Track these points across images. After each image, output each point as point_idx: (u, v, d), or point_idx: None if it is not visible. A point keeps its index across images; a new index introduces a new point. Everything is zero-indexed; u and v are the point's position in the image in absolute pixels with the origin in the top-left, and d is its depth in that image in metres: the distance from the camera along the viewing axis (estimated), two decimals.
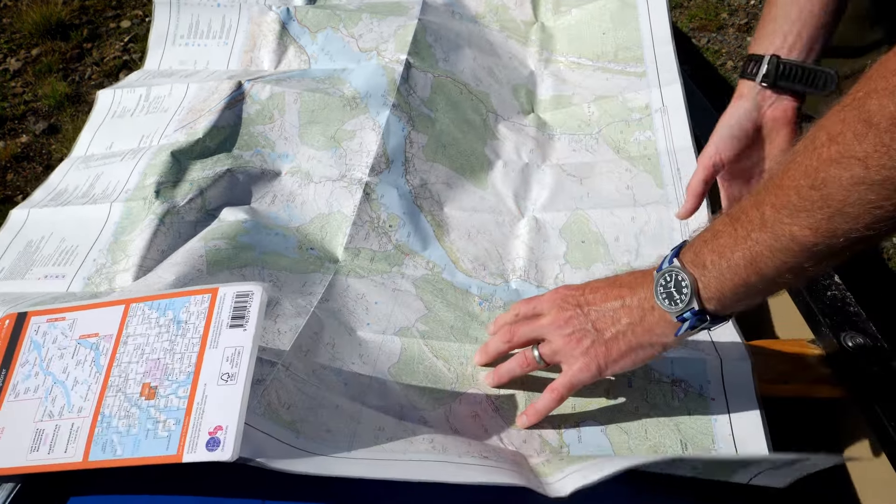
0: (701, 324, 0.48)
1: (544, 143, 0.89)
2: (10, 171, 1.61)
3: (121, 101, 0.89)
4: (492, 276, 0.73)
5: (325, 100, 0.83)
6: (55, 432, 0.43)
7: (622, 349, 0.52)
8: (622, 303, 0.52)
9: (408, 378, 0.60)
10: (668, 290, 0.48)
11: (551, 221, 0.78)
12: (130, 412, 0.44)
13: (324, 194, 0.76)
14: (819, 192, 0.39)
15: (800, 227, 0.40)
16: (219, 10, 0.97)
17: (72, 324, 0.49)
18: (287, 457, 0.44)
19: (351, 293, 0.67)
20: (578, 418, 0.57)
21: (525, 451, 0.55)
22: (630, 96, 0.89)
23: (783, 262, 0.42)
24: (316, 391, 0.54)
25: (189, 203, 0.71)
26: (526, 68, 1.00)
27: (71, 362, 0.47)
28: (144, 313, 0.48)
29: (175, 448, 0.41)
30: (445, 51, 0.94)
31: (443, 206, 0.79)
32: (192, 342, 0.45)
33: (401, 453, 0.48)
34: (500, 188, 0.82)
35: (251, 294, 0.47)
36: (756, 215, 0.43)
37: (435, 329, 0.65)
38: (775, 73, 0.63)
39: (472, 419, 0.57)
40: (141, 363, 0.46)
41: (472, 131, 0.87)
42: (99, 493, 0.47)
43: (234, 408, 0.42)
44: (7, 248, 0.71)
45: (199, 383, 0.43)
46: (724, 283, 0.46)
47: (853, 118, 0.37)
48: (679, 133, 0.83)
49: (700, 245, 0.48)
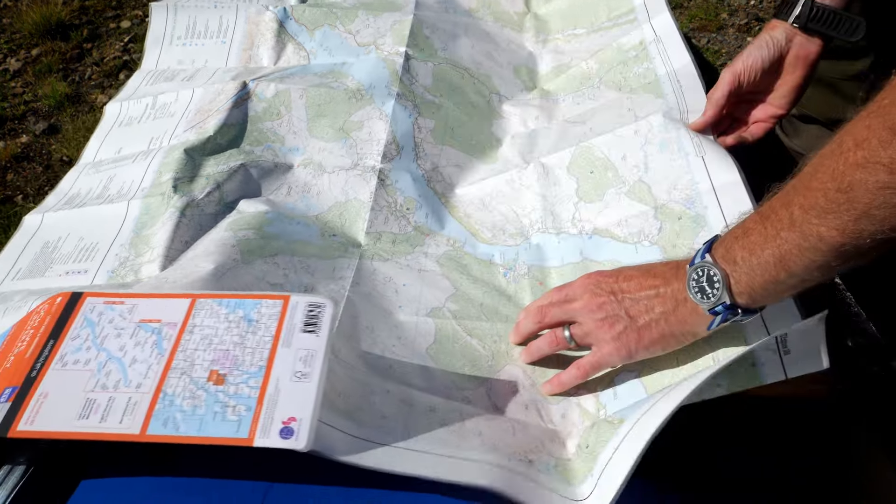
0: (733, 317, 0.50)
1: (549, 108, 0.90)
2: (10, 171, 1.60)
3: (128, 112, 0.89)
4: (512, 237, 0.74)
5: (330, 93, 0.84)
6: (109, 403, 0.45)
7: (654, 337, 0.54)
8: (656, 292, 0.54)
9: (445, 357, 0.61)
10: (701, 285, 0.50)
11: (557, 163, 0.78)
12: (196, 394, 0.45)
13: (338, 183, 0.78)
14: (846, 195, 0.40)
15: (827, 228, 0.42)
16: (216, 11, 0.98)
17: (131, 308, 0.50)
18: (352, 448, 0.46)
19: (379, 276, 0.68)
20: (613, 375, 0.59)
21: (565, 427, 0.57)
22: (624, 40, 0.90)
23: (812, 260, 0.44)
24: (365, 377, 0.55)
25: (207, 196, 0.72)
26: (524, 50, 1.02)
27: (129, 342, 0.48)
28: (213, 308, 0.50)
29: (246, 432, 0.43)
30: (443, 41, 0.95)
31: (455, 186, 0.80)
32: (264, 340, 0.48)
33: (454, 448, 0.50)
34: (508, 156, 0.83)
35: (323, 306, 0.50)
36: (785, 215, 0.45)
37: (465, 308, 0.66)
38: (808, 15, 0.67)
39: (512, 395, 0.59)
40: (208, 351, 0.48)
41: (478, 113, 0.88)
42: (110, 476, 0.48)
43: (308, 402, 0.44)
44: (23, 250, 0.72)
45: (272, 377, 0.46)
46: (755, 279, 0.47)
47: (878, 125, 0.39)
48: (676, 55, 0.84)
49: (731, 241, 0.49)
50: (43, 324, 0.50)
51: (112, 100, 0.93)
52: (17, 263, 0.70)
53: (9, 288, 0.67)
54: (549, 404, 0.59)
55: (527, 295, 0.68)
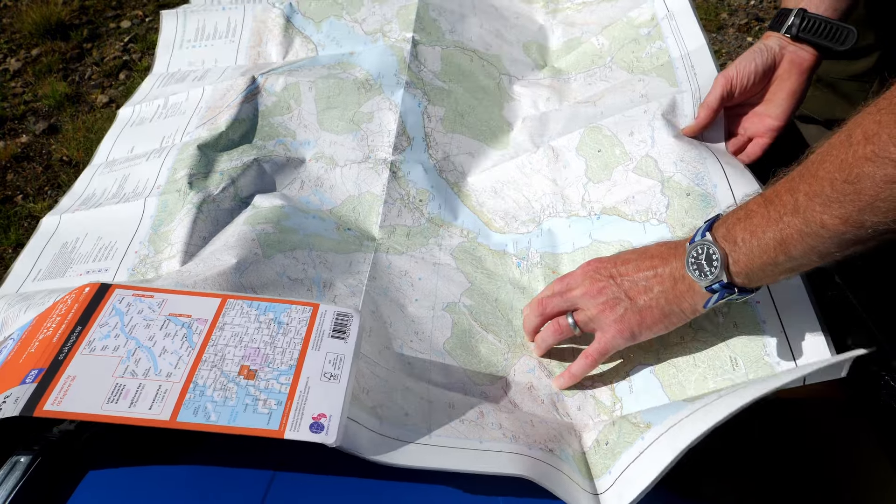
0: (729, 295, 0.51)
1: (560, 87, 0.89)
2: (10, 171, 1.60)
3: (139, 113, 0.90)
4: (524, 224, 0.74)
5: (339, 84, 0.85)
6: (139, 390, 0.45)
7: (655, 316, 0.55)
8: (654, 272, 0.55)
9: (463, 352, 0.62)
10: (699, 262, 0.52)
11: (566, 145, 0.77)
12: (227, 386, 0.46)
13: (351, 176, 0.78)
14: (852, 187, 0.42)
15: (830, 217, 0.43)
16: (224, 14, 0.99)
17: (161, 302, 0.51)
18: (379, 447, 0.47)
19: (394, 270, 0.69)
20: (629, 367, 0.59)
21: (581, 419, 0.58)
22: (634, 14, 0.89)
23: (811, 246, 0.45)
24: (386, 373, 0.56)
25: (223, 191, 0.73)
26: (534, 24, 1.01)
27: (159, 333, 0.49)
28: (243, 308, 0.52)
29: (277, 424, 0.44)
30: (451, 22, 0.95)
31: (466, 175, 0.80)
32: (294, 341, 0.50)
33: (477, 441, 0.51)
34: (519, 140, 0.83)
35: (351, 316, 0.52)
36: (790, 200, 0.46)
37: (480, 303, 0.67)
38: (799, 24, 0.68)
39: (528, 391, 0.60)
40: (239, 348, 0.49)
41: (487, 97, 0.88)
42: (116, 465, 0.49)
43: (337, 400, 0.46)
44: (42, 252, 0.72)
45: (302, 376, 0.48)
46: (754, 259, 0.49)
47: (889, 121, 0.40)
48: (690, 35, 0.83)
49: (734, 222, 0.50)
50: (70, 311, 0.51)
51: (126, 104, 0.94)
52: (37, 264, 0.71)
53: (30, 288, 0.67)
54: (565, 398, 0.60)
55: (540, 285, 0.69)
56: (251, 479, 0.49)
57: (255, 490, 0.48)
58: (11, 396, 0.45)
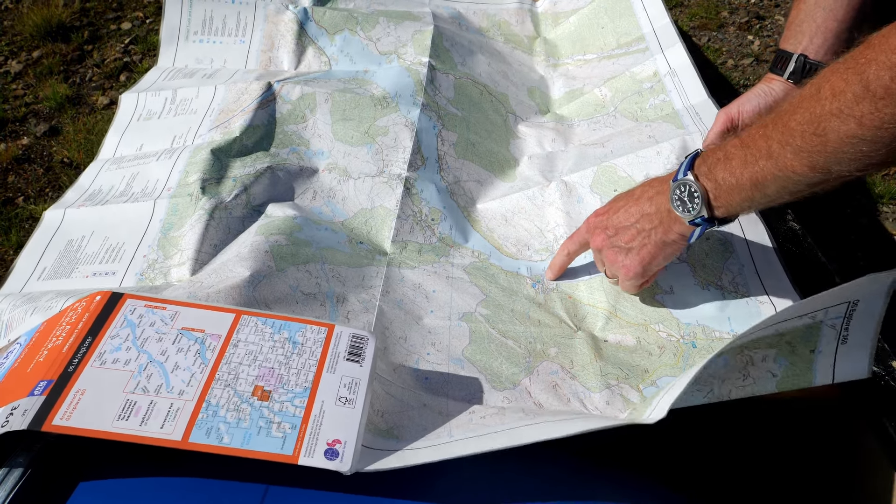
0: (710, 226, 0.57)
1: (564, 131, 0.90)
2: (10, 173, 1.59)
3: (146, 105, 0.88)
4: (537, 252, 0.74)
5: (355, 99, 0.84)
6: (150, 407, 0.44)
7: (652, 252, 0.61)
8: (642, 213, 0.61)
9: (482, 357, 0.61)
10: (682, 198, 0.57)
11: (579, 181, 0.78)
12: (241, 407, 0.45)
13: (364, 189, 0.77)
14: (820, 139, 0.46)
15: (800, 164, 0.48)
16: (233, 7, 0.97)
17: (174, 315, 0.50)
18: (401, 459, 0.46)
19: (408, 283, 0.68)
20: (654, 377, 0.60)
21: (610, 413, 0.57)
22: (637, 69, 0.91)
23: (783, 186, 0.50)
24: (401, 392, 0.55)
25: (235, 199, 0.71)
26: (536, 73, 1.02)
27: (171, 347, 0.48)
28: (257, 326, 0.51)
29: (291, 449, 0.43)
30: (462, 55, 0.95)
31: (475, 202, 0.80)
32: (310, 363, 0.49)
33: (499, 425, 0.49)
34: (527, 174, 0.83)
35: (366, 339, 0.52)
36: (764, 146, 0.50)
37: (497, 313, 0.66)
38: (801, 71, 0.69)
39: (553, 389, 0.59)
40: (253, 367, 0.48)
41: (495, 131, 0.88)
42: (108, 477, 0.47)
43: (353, 427, 0.45)
44: (46, 248, 0.70)
45: (317, 399, 0.47)
46: (732, 196, 0.54)
47: (854, 80, 0.43)
48: (693, 90, 0.85)
49: (714, 163, 0.55)
50: (81, 320, 0.49)
51: (128, 90, 0.91)
52: (41, 262, 0.69)
53: (35, 288, 0.66)
54: (592, 393, 0.59)
55: (557, 306, 0.68)
56: (245, 493, 0.47)
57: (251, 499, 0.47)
58: (19, 409, 0.44)
